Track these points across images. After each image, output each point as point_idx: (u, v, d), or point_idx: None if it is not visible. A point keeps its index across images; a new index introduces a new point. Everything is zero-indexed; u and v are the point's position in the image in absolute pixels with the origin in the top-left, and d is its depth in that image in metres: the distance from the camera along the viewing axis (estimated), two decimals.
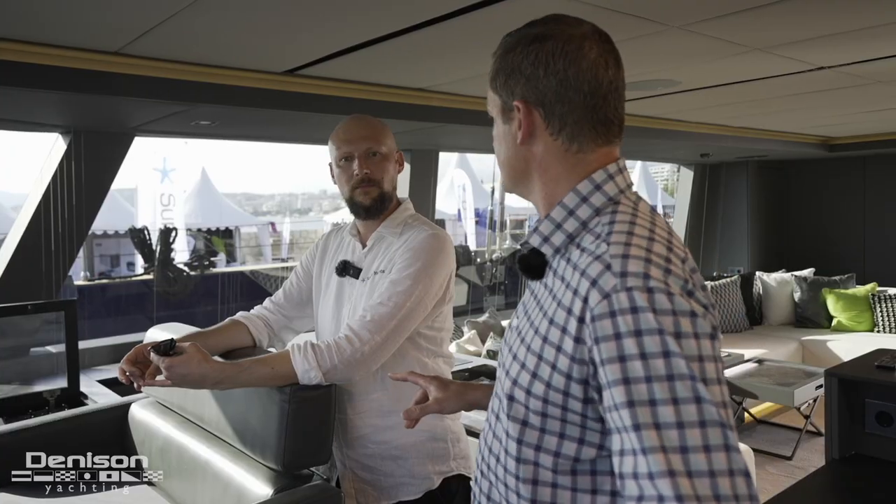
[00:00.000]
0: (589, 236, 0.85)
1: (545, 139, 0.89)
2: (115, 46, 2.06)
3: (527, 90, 0.88)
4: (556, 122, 0.88)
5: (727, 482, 0.68)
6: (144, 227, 7.69)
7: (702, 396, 0.70)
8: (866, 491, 1.66)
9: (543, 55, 0.87)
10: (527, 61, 0.88)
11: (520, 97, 0.89)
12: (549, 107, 0.87)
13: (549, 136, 0.89)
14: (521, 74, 0.88)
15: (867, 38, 2.19)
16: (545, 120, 0.88)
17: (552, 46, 0.87)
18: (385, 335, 1.45)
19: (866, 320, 5.59)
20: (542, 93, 0.87)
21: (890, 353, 1.92)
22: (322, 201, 37.00)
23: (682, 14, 1.86)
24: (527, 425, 0.85)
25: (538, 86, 0.87)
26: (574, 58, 0.86)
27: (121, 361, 1.44)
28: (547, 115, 0.88)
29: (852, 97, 3.37)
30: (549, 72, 0.86)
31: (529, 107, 0.88)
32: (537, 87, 0.87)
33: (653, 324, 0.72)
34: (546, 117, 0.88)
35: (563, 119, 0.87)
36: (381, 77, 2.65)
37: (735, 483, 0.68)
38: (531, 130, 0.89)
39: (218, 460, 1.62)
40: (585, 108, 0.87)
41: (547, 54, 0.87)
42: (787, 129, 4.81)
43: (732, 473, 0.69)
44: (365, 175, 1.56)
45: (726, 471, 0.69)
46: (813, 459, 4.05)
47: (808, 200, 6.45)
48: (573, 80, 0.86)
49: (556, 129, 0.88)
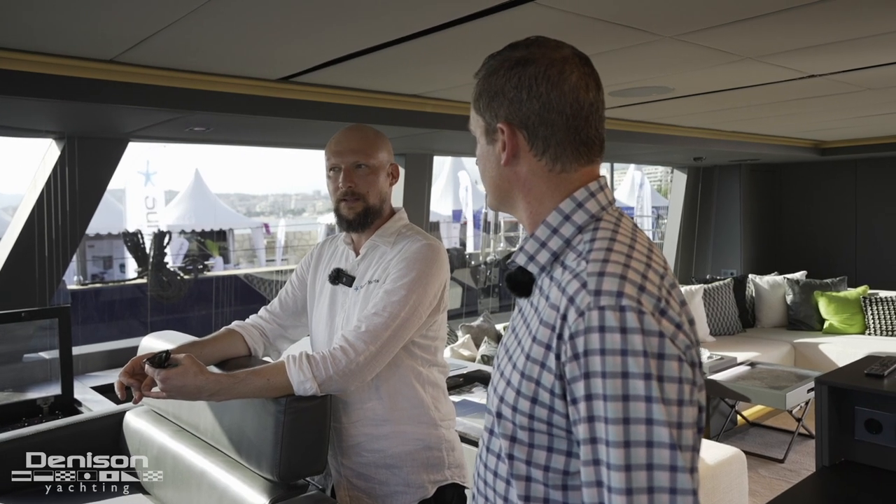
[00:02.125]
0: (572, 254, 0.87)
1: (529, 160, 0.91)
2: (110, 55, 2.06)
3: (510, 112, 0.90)
4: (539, 143, 0.90)
5: (665, 499, 0.71)
6: (138, 231, 7.68)
7: (654, 418, 0.73)
8: (856, 498, 1.68)
9: (526, 79, 0.89)
10: (510, 84, 0.90)
11: (503, 119, 0.91)
12: (532, 129, 0.89)
13: (532, 157, 0.91)
14: (505, 97, 0.90)
15: (857, 47, 2.22)
16: (529, 142, 0.90)
17: (534, 70, 0.89)
18: (380, 345, 1.46)
19: (858, 323, 5.63)
20: (526, 115, 0.89)
21: (879, 361, 1.94)
22: (316, 202, 36.98)
23: (676, 25, 1.87)
24: (515, 441, 0.87)
25: (522, 109, 0.89)
26: (556, 81, 0.88)
27: (119, 375, 1.44)
28: (531, 137, 0.90)
29: (843, 103, 3.40)
30: (532, 95, 0.88)
31: (513, 129, 0.90)
32: (521, 110, 0.89)
33: (618, 344, 0.75)
34: (530, 139, 0.90)
35: (546, 141, 0.89)
36: (375, 84, 2.66)
37: (675, 500, 0.71)
38: (515, 152, 0.91)
39: (213, 470, 1.62)
40: (568, 129, 0.89)
41: (530, 78, 0.89)
42: (779, 133, 4.84)
43: (674, 492, 0.72)
44: (348, 188, 1.57)
45: (667, 489, 0.72)
46: (805, 462, 4.08)
47: (800, 203, 6.50)
48: (556, 103, 0.88)
49: (540, 150, 0.90)
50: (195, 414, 1.72)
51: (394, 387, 1.56)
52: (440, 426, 1.61)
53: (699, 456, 0.83)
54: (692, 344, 0.81)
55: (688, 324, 0.82)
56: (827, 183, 6.28)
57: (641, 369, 0.74)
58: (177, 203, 14.93)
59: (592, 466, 0.76)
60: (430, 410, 1.59)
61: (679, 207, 6.25)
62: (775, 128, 4.51)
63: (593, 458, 0.76)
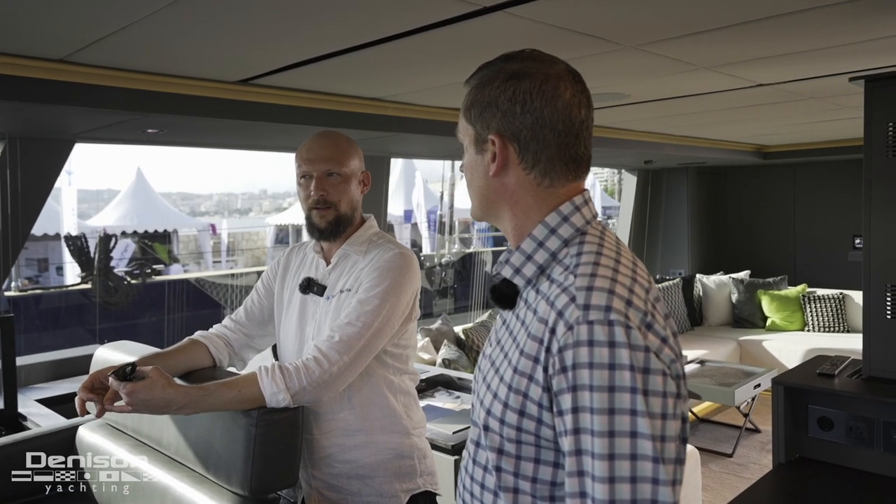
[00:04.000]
0: (558, 268, 0.87)
1: (518, 173, 0.91)
2: (61, 54, 1.97)
3: (503, 125, 0.90)
4: (529, 157, 0.90)
5: None
6: (82, 234, 7.36)
7: (639, 431, 0.74)
8: (811, 493, 1.76)
9: (521, 93, 0.89)
10: (504, 97, 0.89)
11: (495, 131, 0.90)
12: (524, 143, 0.90)
13: (521, 170, 0.91)
14: (498, 109, 0.90)
15: (802, 60, 2.32)
16: (519, 155, 0.90)
17: (529, 85, 0.89)
18: (353, 355, 1.44)
19: (797, 320, 5.88)
20: (518, 129, 0.89)
21: (830, 361, 2.03)
22: (262, 201, 36.28)
23: (638, 35, 1.91)
24: (503, 453, 0.87)
25: (514, 122, 0.89)
26: (550, 97, 0.89)
27: (78, 390, 1.38)
28: (521, 151, 0.90)
29: (787, 111, 3.54)
30: (525, 109, 0.88)
31: (505, 141, 0.90)
32: (513, 123, 0.89)
33: (606, 358, 0.76)
34: (520, 153, 0.90)
35: (536, 155, 0.90)
36: (336, 87, 2.63)
37: None
38: (504, 164, 0.91)
39: (178, 486, 1.57)
40: (559, 145, 0.89)
41: (524, 92, 0.89)
42: (725, 138, 5.01)
43: (656, 503, 0.73)
44: (320, 196, 1.55)
45: (649, 500, 0.73)
46: (752, 456, 4.23)
47: (743, 205, 6.74)
48: (549, 119, 0.88)
49: (530, 164, 0.90)
50: (157, 428, 1.66)
51: (366, 396, 1.55)
52: (412, 434, 1.60)
53: (683, 469, 0.85)
54: (676, 357, 0.83)
55: (672, 337, 0.83)
56: (768, 186, 6.54)
57: (628, 383, 0.75)
58: (118, 203, 14.41)
59: (577, 478, 0.77)
60: (401, 419, 1.58)
61: (629, 209, 6.39)
62: (722, 133, 4.67)
63: (578, 470, 0.77)
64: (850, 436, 1.83)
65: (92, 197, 23.73)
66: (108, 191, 23.85)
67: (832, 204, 6.11)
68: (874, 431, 1.80)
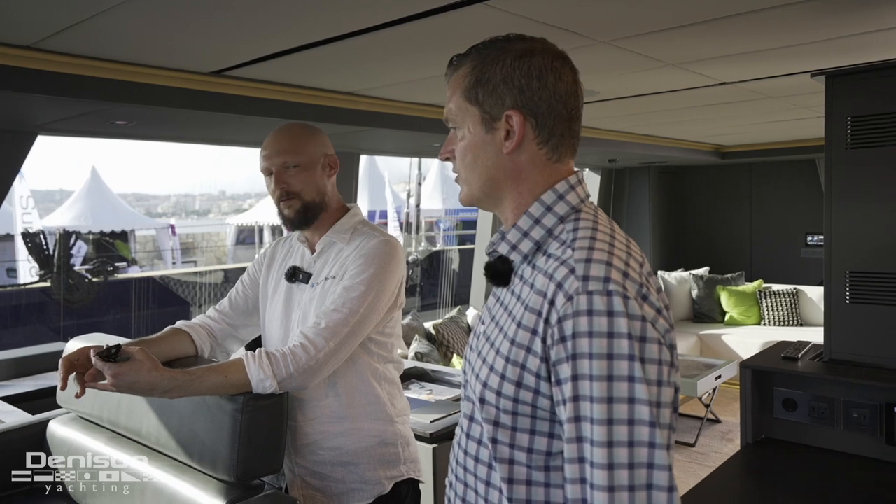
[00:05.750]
0: (555, 243, 0.90)
1: (532, 149, 0.93)
2: (30, 41, 1.93)
3: (520, 100, 0.91)
4: (545, 132, 0.92)
5: (643, 473, 0.76)
6: (40, 232, 7.13)
7: (636, 397, 0.77)
8: (776, 470, 1.83)
9: (535, 69, 0.91)
10: (519, 72, 0.91)
11: (511, 107, 0.92)
12: (541, 118, 0.92)
13: (536, 145, 0.93)
14: (514, 86, 0.91)
15: (763, 58, 2.41)
16: (535, 130, 0.92)
17: (541, 62, 0.91)
18: (339, 341, 1.45)
19: (754, 315, 6.07)
20: (536, 104, 0.91)
21: (793, 346, 2.13)
22: (221, 202, 35.61)
23: (611, 31, 1.97)
24: (498, 425, 0.89)
25: (533, 97, 0.91)
26: (560, 74, 0.92)
27: (60, 361, 1.36)
28: (538, 126, 0.92)
29: (746, 110, 3.67)
30: (542, 84, 0.91)
31: (524, 116, 0.92)
32: (532, 99, 0.91)
33: (605, 327, 0.78)
34: (537, 127, 0.92)
35: (552, 130, 0.92)
36: (310, 80, 2.62)
37: (652, 475, 0.76)
38: (521, 140, 0.92)
39: (160, 476, 1.56)
40: (567, 121, 0.93)
41: (539, 68, 0.91)
42: (686, 137, 5.15)
43: (652, 467, 0.76)
44: (282, 189, 1.57)
45: (645, 464, 0.76)
46: (714, 445, 4.36)
47: (702, 204, 6.93)
48: (562, 95, 0.92)
49: (545, 139, 0.93)
50: (136, 418, 1.64)
51: (351, 383, 1.56)
52: (396, 422, 1.62)
53: (674, 436, 0.89)
54: (670, 328, 0.86)
55: (665, 309, 0.87)
56: (725, 184, 6.74)
57: (626, 351, 0.78)
58: (72, 203, 13.98)
59: (576, 444, 0.79)
60: (386, 406, 1.60)
61: None
62: (683, 132, 4.80)
63: (577, 436, 0.79)
64: (813, 415, 1.92)
65: (43, 197, 22.96)
66: (59, 191, 23.05)
67: (786, 203, 6.33)
68: (835, 411, 1.89)
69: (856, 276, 1.98)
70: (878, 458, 1.82)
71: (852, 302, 1.99)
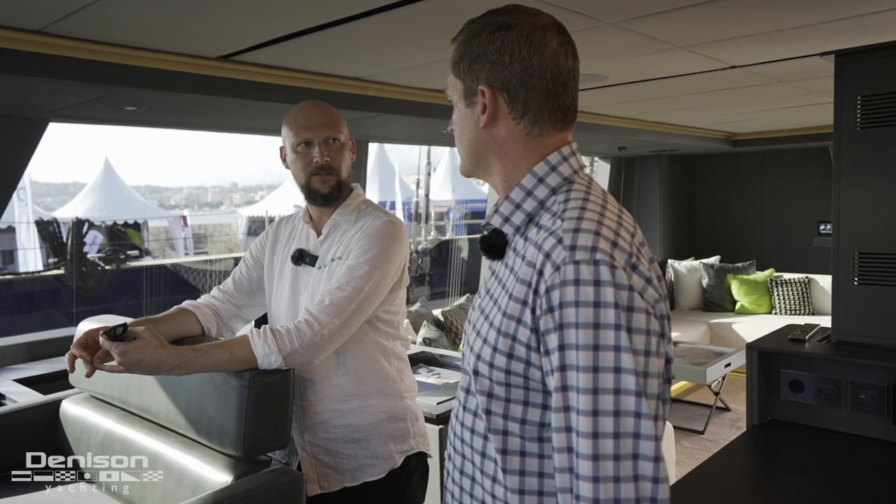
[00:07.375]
0: (546, 214, 0.90)
1: (508, 123, 0.93)
2: (39, 25, 1.95)
3: (492, 75, 0.92)
4: (519, 106, 0.92)
5: (629, 443, 0.76)
6: (53, 220, 7.22)
7: (622, 367, 0.77)
8: (782, 451, 1.83)
9: (509, 42, 0.91)
10: (492, 47, 0.92)
11: (484, 82, 0.92)
12: (513, 92, 0.92)
13: (511, 120, 0.93)
14: (487, 60, 0.92)
15: (774, 40, 2.39)
16: (508, 105, 0.92)
17: (517, 34, 0.91)
18: (344, 319, 1.46)
19: (765, 303, 6.03)
20: (507, 78, 0.91)
21: (800, 328, 2.12)
22: (233, 194, 35.76)
23: (618, 11, 1.96)
24: (492, 397, 0.89)
25: (503, 72, 0.91)
26: (538, 46, 0.91)
27: (71, 347, 1.38)
28: (511, 100, 0.92)
29: (757, 95, 3.63)
30: (514, 59, 0.91)
31: (494, 91, 0.92)
32: (503, 73, 0.91)
33: (591, 296, 0.78)
34: (510, 102, 0.92)
35: (526, 104, 0.92)
36: (317, 65, 2.63)
37: (638, 444, 0.76)
38: (494, 114, 0.93)
39: (169, 451, 1.58)
40: (547, 94, 0.92)
41: (512, 42, 0.91)
42: (697, 125, 5.11)
43: (638, 437, 0.76)
44: (326, 163, 1.57)
45: (631, 434, 0.76)
46: (723, 433, 4.35)
47: (713, 192, 6.89)
48: (537, 68, 0.91)
49: (519, 113, 0.92)
50: (146, 396, 1.67)
51: (359, 361, 1.57)
52: (405, 397, 1.64)
53: (668, 407, 0.89)
54: (661, 298, 0.86)
55: (656, 279, 0.87)
56: (736, 173, 6.69)
57: (612, 320, 0.78)
58: (85, 195, 14.12)
59: (563, 413, 0.79)
60: (395, 382, 1.61)
61: None
62: (694, 119, 4.76)
63: (564, 406, 0.79)
64: (820, 397, 1.91)
65: (57, 190, 23.17)
66: (73, 184, 23.26)
67: (798, 191, 6.27)
68: (841, 392, 1.88)
69: (864, 258, 1.97)
70: (886, 440, 1.81)
71: (861, 283, 1.98)
